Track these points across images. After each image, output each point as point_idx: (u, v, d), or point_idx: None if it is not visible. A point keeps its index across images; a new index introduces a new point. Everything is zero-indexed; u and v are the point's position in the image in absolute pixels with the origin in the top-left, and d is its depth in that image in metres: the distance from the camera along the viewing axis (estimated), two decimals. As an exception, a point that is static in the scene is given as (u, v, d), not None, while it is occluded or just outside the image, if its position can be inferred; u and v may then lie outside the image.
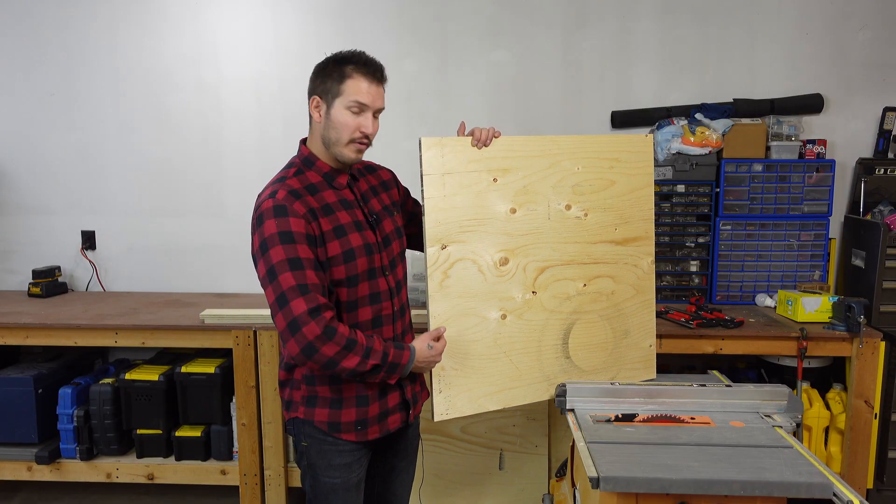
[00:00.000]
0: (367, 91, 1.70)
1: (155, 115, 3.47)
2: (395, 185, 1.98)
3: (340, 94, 1.70)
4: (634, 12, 3.32)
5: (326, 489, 1.82)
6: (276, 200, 1.66)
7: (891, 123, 3.24)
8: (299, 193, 1.69)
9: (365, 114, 1.72)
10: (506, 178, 1.98)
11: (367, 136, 1.73)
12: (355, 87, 1.69)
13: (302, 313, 1.58)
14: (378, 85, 1.73)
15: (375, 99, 1.72)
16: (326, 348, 1.59)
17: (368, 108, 1.72)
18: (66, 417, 2.98)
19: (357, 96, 1.69)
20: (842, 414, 2.77)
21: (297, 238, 1.63)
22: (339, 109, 1.70)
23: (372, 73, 1.71)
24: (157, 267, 3.55)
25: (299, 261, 1.62)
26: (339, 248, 1.70)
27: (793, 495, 1.60)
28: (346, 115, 1.70)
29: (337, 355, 1.61)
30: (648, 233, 2.19)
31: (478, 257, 1.95)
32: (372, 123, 1.73)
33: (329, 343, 1.59)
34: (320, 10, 3.37)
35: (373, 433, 1.81)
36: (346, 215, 1.75)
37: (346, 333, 1.62)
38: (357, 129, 1.71)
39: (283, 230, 1.63)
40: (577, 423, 1.92)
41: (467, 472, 2.87)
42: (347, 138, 1.71)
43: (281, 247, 1.62)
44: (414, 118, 3.39)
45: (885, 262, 2.88)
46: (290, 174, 1.75)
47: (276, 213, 1.64)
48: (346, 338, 1.61)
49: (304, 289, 1.60)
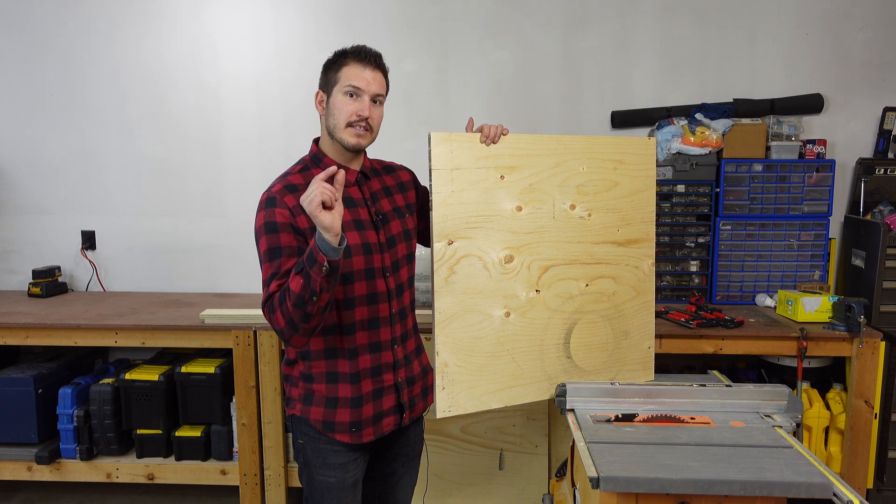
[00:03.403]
0: (361, 75, 1.74)
1: (155, 114, 3.47)
2: (413, 186, 1.98)
3: (338, 82, 1.75)
4: (634, 12, 3.32)
5: (322, 488, 1.82)
6: (270, 193, 1.72)
7: (891, 123, 3.24)
8: (297, 188, 1.72)
9: (361, 98, 1.75)
10: (513, 176, 1.98)
11: (364, 119, 1.75)
12: (349, 73, 1.74)
13: (262, 302, 1.66)
14: (373, 70, 1.76)
15: (371, 83, 1.75)
16: (276, 322, 1.62)
17: (363, 91, 1.74)
18: (66, 417, 2.98)
19: (351, 80, 1.74)
20: (842, 414, 2.77)
21: (279, 228, 1.67)
22: (337, 96, 1.76)
23: (365, 59, 1.76)
24: (157, 267, 3.55)
25: (278, 250, 1.67)
26: None
27: (793, 495, 1.60)
28: (343, 99, 1.75)
29: (283, 315, 1.59)
30: (649, 235, 2.19)
31: (483, 254, 1.95)
32: (369, 107, 1.75)
33: (274, 315, 1.62)
34: (321, 9, 3.37)
35: (367, 435, 1.80)
36: (347, 213, 1.75)
37: (277, 295, 1.62)
38: (354, 112, 1.74)
39: (268, 220, 1.68)
40: (577, 423, 1.92)
41: (467, 472, 2.87)
42: (345, 122, 1.75)
43: (265, 237, 1.68)
44: (414, 118, 3.39)
45: (885, 262, 2.88)
46: (294, 170, 1.80)
47: (266, 206, 1.70)
48: (276, 299, 1.62)
49: (270, 278, 1.65)
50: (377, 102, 1.78)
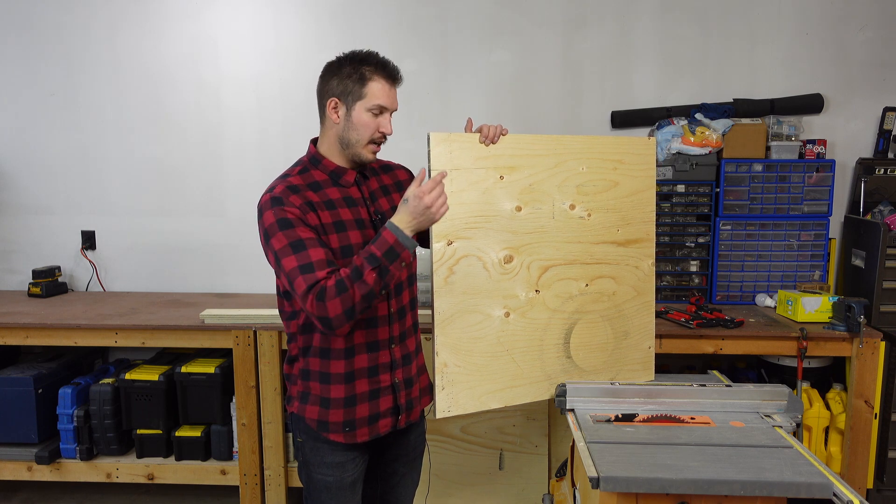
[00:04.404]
0: (388, 95, 1.76)
1: (155, 114, 3.47)
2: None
3: (363, 98, 1.74)
4: (634, 12, 3.32)
5: (320, 487, 1.83)
6: (273, 194, 1.72)
7: (891, 123, 3.24)
8: (298, 189, 1.73)
9: (384, 115, 1.77)
10: (512, 176, 1.98)
11: (384, 136, 1.78)
12: (377, 91, 1.75)
13: (303, 291, 1.61)
14: (395, 87, 1.79)
15: (394, 101, 1.79)
16: (331, 308, 1.60)
17: (388, 109, 1.78)
18: (66, 417, 2.98)
19: (379, 100, 1.75)
20: (842, 414, 2.77)
21: (294, 223, 1.67)
22: (361, 112, 1.75)
23: (392, 77, 1.78)
24: (157, 267, 3.55)
25: (300, 241, 1.65)
26: (337, 242, 1.72)
27: (793, 495, 1.60)
28: (367, 116, 1.75)
29: (343, 304, 1.60)
30: (649, 235, 2.20)
31: (483, 254, 1.95)
32: (389, 124, 1.78)
33: (328, 304, 1.59)
34: (321, 9, 3.37)
35: (362, 436, 1.80)
36: (348, 212, 1.77)
37: (332, 283, 1.61)
38: (377, 129, 1.76)
39: (281, 217, 1.67)
40: (577, 423, 1.92)
41: (467, 472, 2.87)
42: (368, 139, 1.76)
43: (281, 233, 1.66)
44: (414, 118, 3.38)
45: (885, 262, 2.88)
46: (293, 172, 1.80)
47: (273, 204, 1.69)
48: (333, 287, 1.60)
49: (304, 268, 1.63)
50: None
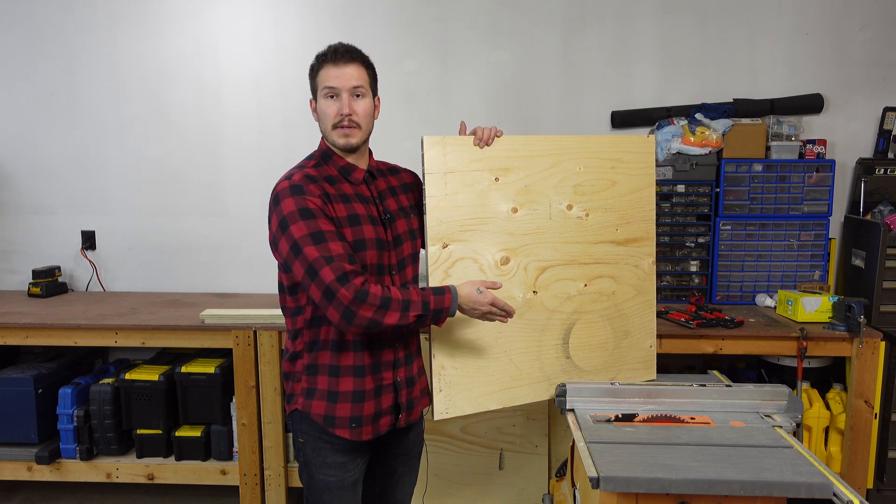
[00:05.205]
0: (334, 75, 1.75)
1: (155, 114, 3.47)
2: (416, 187, 1.98)
3: (318, 87, 1.78)
4: (634, 12, 3.32)
5: (321, 487, 1.83)
6: (293, 181, 1.71)
7: (891, 123, 3.24)
8: (315, 179, 1.74)
9: (339, 97, 1.76)
10: (507, 178, 1.98)
11: (345, 116, 1.75)
12: (324, 75, 1.76)
13: (331, 281, 1.61)
14: (345, 64, 1.75)
15: (346, 79, 1.75)
16: (363, 311, 1.62)
17: (340, 89, 1.75)
18: (66, 417, 2.98)
19: (326, 82, 1.76)
20: (842, 414, 2.77)
21: (315, 213, 1.67)
22: (321, 101, 1.78)
23: (333, 58, 1.76)
24: (157, 267, 3.55)
25: (321, 233, 1.65)
26: (351, 236, 1.73)
27: (793, 495, 1.60)
28: (324, 103, 1.77)
29: (376, 315, 1.63)
30: (649, 233, 2.19)
31: (479, 256, 1.95)
32: (349, 104, 1.75)
33: (364, 305, 1.62)
34: (321, 9, 3.37)
35: (366, 433, 1.80)
36: (361, 207, 1.78)
37: (378, 293, 1.64)
38: (336, 113, 1.76)
39: (302, 207, 1.67)
40: (577, 423, 1.92)
41: (467, 472, 2.87)
42: (331, 124, 1.77)
43: (302, 222, 1.66)
44: (414, 118, 3.39)
45: (885, 262, 2.88)
46: (308, 164, 1.81)
47: (293, 192, 1.69)
48: (379, 297, 1.64)
49: (328, 259, 1.63)
50: (359, 96, 1.77)
